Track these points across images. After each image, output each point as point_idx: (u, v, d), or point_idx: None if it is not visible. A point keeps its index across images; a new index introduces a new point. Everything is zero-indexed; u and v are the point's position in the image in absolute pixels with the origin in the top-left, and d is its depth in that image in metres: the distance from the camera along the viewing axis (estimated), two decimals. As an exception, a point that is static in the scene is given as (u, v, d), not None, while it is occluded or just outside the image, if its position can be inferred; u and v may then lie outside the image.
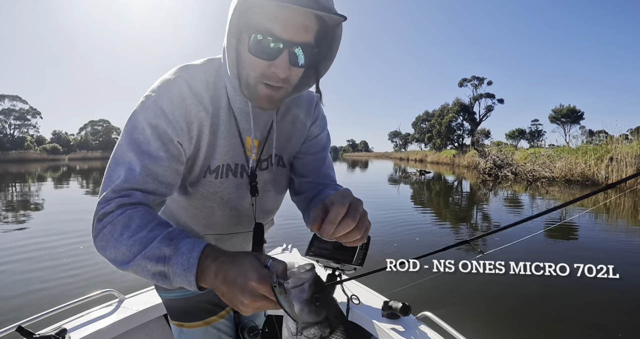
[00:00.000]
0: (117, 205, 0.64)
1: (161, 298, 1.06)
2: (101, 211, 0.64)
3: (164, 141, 0.71)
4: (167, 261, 0.57)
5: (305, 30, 0.66)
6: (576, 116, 49.20)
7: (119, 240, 0.61)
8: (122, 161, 0.69)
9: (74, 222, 6.92)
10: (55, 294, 3.47)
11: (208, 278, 0.55)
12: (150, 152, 0.69)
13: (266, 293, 0.51)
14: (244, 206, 0.92)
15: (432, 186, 15.14)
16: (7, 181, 18.43)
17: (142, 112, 0.70)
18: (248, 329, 1.13)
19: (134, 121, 0.71)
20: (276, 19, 0.64)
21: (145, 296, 1.69)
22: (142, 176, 0.68)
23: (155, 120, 0.70)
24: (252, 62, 0.68)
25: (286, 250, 2.50)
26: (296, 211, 1.01)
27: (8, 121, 64.96)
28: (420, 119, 52.42)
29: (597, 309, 3.20)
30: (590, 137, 47.07)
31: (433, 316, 1.51)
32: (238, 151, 0.84)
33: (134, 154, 0.68)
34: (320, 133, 0.98)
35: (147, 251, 0.58)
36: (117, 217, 0.62)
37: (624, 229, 6.80)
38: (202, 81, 0.75)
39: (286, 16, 0.64)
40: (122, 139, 0.71)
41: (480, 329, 2.82)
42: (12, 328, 1.20)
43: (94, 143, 79.04)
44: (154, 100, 0.71)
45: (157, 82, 0.74)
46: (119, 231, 0.61)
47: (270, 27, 0.64)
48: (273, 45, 0.65)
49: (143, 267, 0.59)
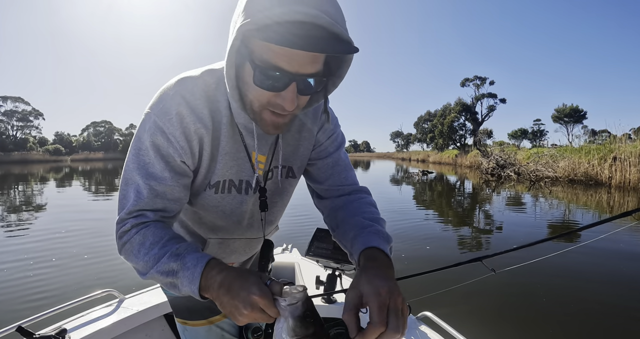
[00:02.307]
0: (132, 225, 0.71)
1: (166, 296, 1.08)
2: (120, 231, 0.72)
3: (167, 161, 0.73)
4: (175, 275, 0.65)
5: (312, 63, 0.64)
6: (579, 115, 48.98)
7: (137, 256, 0.69)
8: (131, 182, 0.73)
9: (74, 223, 6.96)
10: (55, 294, 3.49)
11: (211, 289, 0.62)
12: (155, 174, 0.73)
13: (265, 306, 0.57)
14: (248, 219, 0.93)
15: (434, 186, 15.11)
16: (10, 182, 18.52)
17: (145, 132, 0.73)
18: (252, 330, 1.14)
19: (138, 142, 0.74)
20: (281, 56, 0.61)
21: (145, 296, 1.69)
22: (149, 198, 0.72)
23: (157, 141, 0.72)
24: (257, 92, 0.66)
25: (286, 250, 2.50)
26: (296, 211, 1.01)
27: (11, 122, 65.32)
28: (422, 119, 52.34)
29: (599, 310, 3.19)
30: (593, 136, 46.91)
31: (433, 316, 1.51)
32: (243, 166, 0.83)
33: (140, 176, 0.73)
34: (332, 135, 0.94)
35: (158, 266, 0.66)
36: (133, 236, 0.71)
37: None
38: (200, 96, 0.74)
39: (292, 53, 0.60)
40: (130, 160, 0.74)
41: (480, 330, 2.81)
42: (12, 328, 1.20)
43: (96, 144, 79.22)
44: (154, 120, 0.72)
45: (156, 97, 0.74)
46: (137, 249, 0.69)
47: (274, 60, 0.61)
48: (279, 78, 0.63)
49: (157, 278, 0.68)
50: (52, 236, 5.86)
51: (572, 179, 15.06)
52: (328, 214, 0.95)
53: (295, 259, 2.27)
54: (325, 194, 0.96)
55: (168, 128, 0.71)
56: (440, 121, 45.60)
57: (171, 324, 1.73)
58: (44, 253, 4.88)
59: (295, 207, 1.22)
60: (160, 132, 0.71)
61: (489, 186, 14.66)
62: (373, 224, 0.83)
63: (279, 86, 0.64)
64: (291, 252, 2.47)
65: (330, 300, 1.75)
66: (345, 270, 1.68)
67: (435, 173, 23.65)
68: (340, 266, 1.66)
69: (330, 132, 0.93)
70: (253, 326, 1.16)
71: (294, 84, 0.64)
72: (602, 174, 13.96)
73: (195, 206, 0.87)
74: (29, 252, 4.92)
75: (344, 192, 0.95)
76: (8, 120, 64.98)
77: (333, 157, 0.94)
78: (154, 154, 0.72)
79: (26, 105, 67.02)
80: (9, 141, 63.27)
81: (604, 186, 13.20)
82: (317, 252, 1.72)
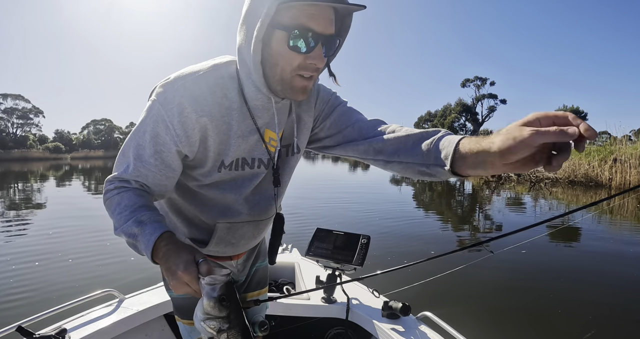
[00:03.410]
0: (115, 186, 0.82)
1: (172, 298, 1.09)
2: (106, 188, 0.84)
3: (160, 149, 0.80)
4: (135, 238, 0.75)
5: (331, 24, 0.76)
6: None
7: (112, 213, 0.80)
8: (125, 155, 0.83)
9: (75, 222, 6.95)
10: (55, 294, 3.49)
11: (157, 257, 0.72)
12: (143, 157, 0.81)
13: (188, 282, 0.65)
14: (258, 195, 0.98)
15: (434, 186, 15.10)
16: (10, 180, 18.51)
17: (149, 118, 0.80)
18: (259, 324, 1.18)
19: (142, 124, 0.81)
20: (310, 16, 0.72)
21: (145, 296, 1.69)
22: (133, 175, 0.82)
23: (156, 128, 0.79)
24: (289, 57, 0.75)
25: (286, 250, 2.50)
26: (297, 211, 1.01)
27: (11, 119, 65.23)
28: (422, 119, 52.27)
29: (600, 310, 3.19)
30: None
31: (433, 316, 1.51)
32: (255, 146, 0.89)
33: (131, 153, 0.82)
34: (330, 98, 0.99)
35: (124, 228, 0.76)
36: (114, 195, 0.81)
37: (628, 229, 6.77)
38: (205, 86, 0.80)
39: (317, 12, 0.72)
40: (131, 136, 0.83)
41: (480, 330, 2.81)
42: (12, 328, 1.20)
43: (96, 142, 79.12)
44: (157, 108, 0.78)
45: (162, 86, 0.80)
46: (114, 207, 0.79)
47: (306, 23, 0.72)
48: (310, 39, 0.73)
49: (124, 237, 0.77)
50: (52, 236, 5.86)
51: (572, 181, 15.04)
52: (381, 143, 0.87)
53: (295, 259, 2.27)
54: (376, 146, 0.88)
55: (168, 117, 0.78)
56: (440, 122, 45.58)
57: (171, 324, 1.73)
58: (44, 253, 4.88)
59: (296, 207, 1.23)
60: (160, 121, 0.78)
61: (489, 187, 14.66)
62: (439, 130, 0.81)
63: (310, 47, 0.74)
64: (291, 252, 2.47)
65: (330, 300, 1.74)
66: (345, 270, 1.68)
67: (435, 173, 23.57)
68: (340, 266, 1.66)
69: (328, 96, 0.99)
70: (259, 320, 1.20)
71: (320, 44, 0.75)
72: (602, 176, 13.95)
73: (209, 185, 0.92)
74: (29, 252, 4.92)
75: (377, 125, 0.92)
76: (8, 117, 64.89)
77: (341, 107, 0.98)
78: (149, 139, 0.80)
79: (26, 102, 67.01)
80: (9, 139, 63.22)
81: (604, 188, 13.21)
82: (317, 252, 1.72)
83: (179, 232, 1.02)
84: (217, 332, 0.63)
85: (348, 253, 1.64)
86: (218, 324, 0.63)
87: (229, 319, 0.63)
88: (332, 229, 1.77)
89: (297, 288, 2.06)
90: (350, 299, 1.69)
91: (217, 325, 0.63)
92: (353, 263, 1.60)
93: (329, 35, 0.75)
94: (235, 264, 1.14)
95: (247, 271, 1.22)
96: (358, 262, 1.59)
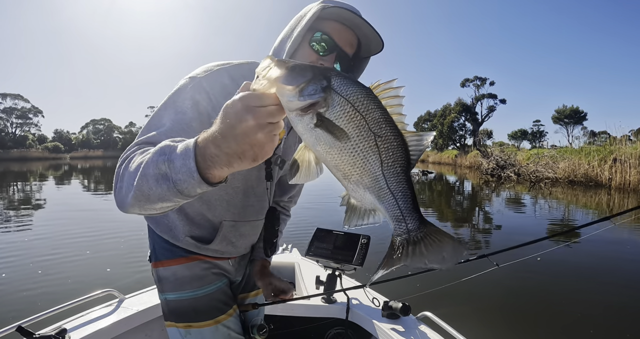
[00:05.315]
0: (137, 148, 0.71)
1: (168, 300, 1.05)
2: (125, 154, 0.71)
3: (199, 113, 0.82)
4: (167, 156, 0.58)
5: (350, 46, 0.92)
6: (579, 116, 48.94)
7: (130, 164, 0.65)
8: (155, 122, 0.79)
9: (74, 222, 6.95)
10: (55, 294, 3.48)
11: (208, 148, 0.54)
12: (184, 120, 0.80)
13: (258, 98, 0.52)
14: (259, 192, 1.06)
15: (434, 186, 15.11)
16: (9, 180, 18.48)
17: (187, 88, 0.83)
18: (258, 327, 1.19)
19: (177, 93, 0.83)
20: (337, 31, 0.89)
21: (145, 296, 1.69)
22: (165, 136, 0.73)
23: (198, 96, 0.83)
24: (307, 53, 0.89)
25: (286, 250, 2.50)
26: (296, 211, 1.03)
27: (10, 119, 65.17)
28: (422, 119, 52.18)
29: (600, 310, 3.19)
30: (593, 138, 46.89)
31: (433, 316, 1.51)
32: None
33: (169, 116, 0.79)
34: None
35: (147, 161, 0.61)
36: (135, 152, 0.69)
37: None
38: (242, 76, 0.88)
39: (343, 30, 0.90)
40: (162, 106, 0.82)
41: (480, 330, 2.81)
42: (12, 328, 1.20)
43: (95, 142, 79.13)
44: (199, 81, 0.84)
45: (200, 69, 0.88)
46: (135, 157, 0.66)
47: (330, 33, 0.89)
48: (329, 45, 0.89)
49: (145, 176, 0.60)
50: (52, 236, 5.85)
51: (572, 180, 15.05)
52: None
53: (295, 259, 2.27)
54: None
55: (211, 89, 0.85)
56: (440, 121, 45.52)
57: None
58: (44, 253, 4.87)
59: (295, 207, 1.25)
60: (202, 90, 0.84)
61: (488, 187, 14.66)
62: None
63: (326, 51, 0.89)
64: (291, 252, 2.46)
65: (330, 300, 1.74)
66: (345, 270, 1.68)
67: (435, 173, 23.63)
68: (340, 266, 1.66)
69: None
70: (258, 323, 1.21)
71: (335, 54, 0.89)
72: (602, 176, 13.96)
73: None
74: (29, 252, 4.92)
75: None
76: (7, 117, 64.82)
77: None
78: (190, 105, 0.82)
79: (25, 102, 66.93)
80: (8, 138, 63.14)
81: (604, 188, 13.21)
82: (317, 252, 1.72)
83: (177, 231, 1.02)
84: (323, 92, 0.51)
85: (348, 253, 1.64)
86: (316, 85, 0.51)
87: (320, 72, 0.52)
88: (332, 229, 1.77)
89: (297, 288, 2.06)
90: (350, 299, 1.69)
91: (315, 87, 0.51)
92: (353, 263, 1.60)
93: (345, 52, 0.90)
94: (232, 263, 1.15)
95: (243, 271, 1.23)
96: (358, 262, 1.59)
